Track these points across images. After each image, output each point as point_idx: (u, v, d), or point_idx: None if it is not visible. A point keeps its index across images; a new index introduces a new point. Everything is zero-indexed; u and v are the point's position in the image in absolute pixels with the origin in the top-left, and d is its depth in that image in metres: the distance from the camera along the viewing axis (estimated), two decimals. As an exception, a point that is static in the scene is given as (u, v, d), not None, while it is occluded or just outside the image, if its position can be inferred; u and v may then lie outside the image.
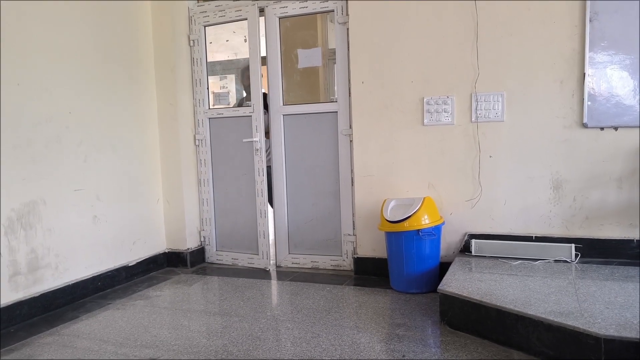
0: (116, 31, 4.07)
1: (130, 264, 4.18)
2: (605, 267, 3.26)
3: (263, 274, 4.28)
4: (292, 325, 3.08)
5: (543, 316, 2.49)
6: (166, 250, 4.58)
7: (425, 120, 3.77)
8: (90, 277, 3.80)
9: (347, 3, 3.94)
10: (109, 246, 3.99)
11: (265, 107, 4.31)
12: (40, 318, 3.36)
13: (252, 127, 4.31)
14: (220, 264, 4.64)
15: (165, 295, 3.77)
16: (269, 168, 4.43)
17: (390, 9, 3.79)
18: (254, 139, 4.28)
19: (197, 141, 4.61)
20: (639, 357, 2.19)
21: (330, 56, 5.66)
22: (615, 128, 3.36)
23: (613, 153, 3.38)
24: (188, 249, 4.53)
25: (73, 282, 3.65)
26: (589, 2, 3.32)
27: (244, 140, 4.37)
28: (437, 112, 3.73)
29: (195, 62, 4.55)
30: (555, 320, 2.43)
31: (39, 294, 3.41)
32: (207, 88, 4.58)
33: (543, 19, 3.44)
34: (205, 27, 4.53)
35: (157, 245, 4.51)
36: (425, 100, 3.75)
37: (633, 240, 3.37)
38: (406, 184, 3.87)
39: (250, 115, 4.33)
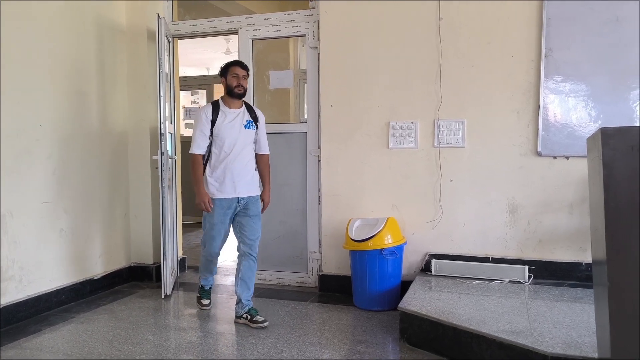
0: (90, 47, 4.11)
1: (95, 278, 4.17)
2: (556, 289, 3.45)
3: (230, 290, 4.33)
4: (257, 341, 3.14)
5: (496, 335, 2.63)
6: (132, 265, 4.58)
7: (390, 144, 3.92)
8: (55, 290, 3.78)
9: (318, 29, 4.09)
10: (74, 259, 3.98)
11: (255, 120, 3.53)
12: (1, 331, 3.33)
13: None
14: (186, 280, 4.67)
15: (130, 309, 3.77)
16: None
17: (360, 37, 3.96)
18: (155, 157, 4.13)
19: (167, 156, 4.65)
20: (583, 374, 2.34)
21: (301, 76, 5.81)
22: (567, 157, 3.58)
23: (565, 181, 3.59)
24: (154, 263, 4.54)
25: (37, 295, 3.63)
26: (544, 39, 3.55)
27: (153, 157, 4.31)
28: (402, 136, 3.89)
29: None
30: (507, 338, 2.58)
31: (2, 306, 3.37)
32: (171, 103, 4.53)
33: (502, 53, 3.65)
34: (174, 38, 4.58)
35: (123, 259, 4.51)
36: (391, 124, 3.91)
37: (582, 263, 3.57)
38: (371, 204, 4.00)
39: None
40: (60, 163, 3.83)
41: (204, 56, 9.99)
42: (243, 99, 3.52)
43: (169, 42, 4.45)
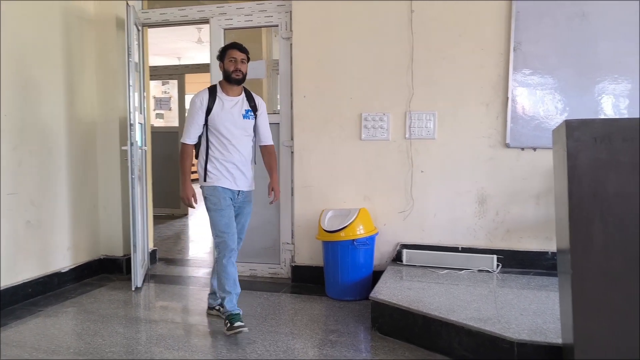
0: (56, 35, 4.01)
1: (63, 270, 4.09)
2: (523, 277, 3.53)
3: (202, 282, 4.31)
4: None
5: (464, 322, 2.69)
6: (101, 257, 4.51)
7: (362, 136, 3.95)
8: (21, 284, 3.69)
9: (291, 19, 4.07)
10: (41, 252, 3.89)
11: (254, 109, 3.26)
12: (-35, 326, 3.25)
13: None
14: (156, 272, 4.62)
15: (99, 302, 3.72)
16: None
17: (332, 28, 3.96)
18: (124, 148, 4.06)
19: (137, 147, 4.58)
20: (548, 359, 2.41)
21: (274, 67, 5.77)
22: (534, 149, 3.66)
23: (532, 172, 3.67)
24: (124, 255, 4.48)
25: (3, 289, 3.54)
26: (513, 33, 3.61)
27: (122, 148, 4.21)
28: (373, 127, 3.92)
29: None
30: (475, 326, 2.64)
31: (-35, 300, 3.30)
32: (140, 93, 4.43)
33: (473, 46, 3.70)
34: (144, 26, 4.51)
35: (92, 251, 4.44)
36: (363, 116, 3.93)
37: (548, 252, 3.66)
38: (343, 195, 4.02)
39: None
40: (27, 154, 3.73)
41: (175, 45, 9.84)
42: (243, 85, 3.23)
43: (138, 30, 4.37)
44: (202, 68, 7.79)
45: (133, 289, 3.98)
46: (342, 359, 2.74)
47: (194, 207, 3.26)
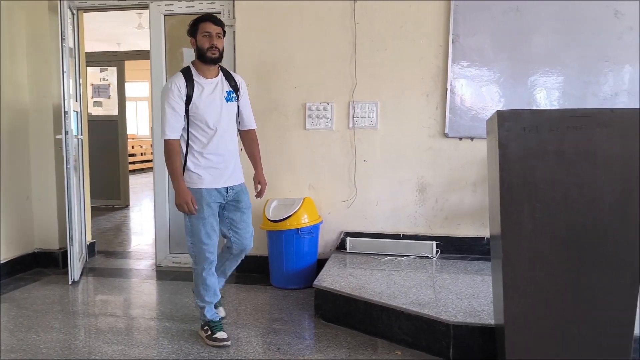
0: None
1: (-6, 265, 3.90)
2: (460, 262, 3.66)
3: (143, 274, 4.22)
4: (171, 324, 3.10)
5: (404, 307, 2.77)
6: (35, 250, 4.32)
7: (307, 125, 3.96)
8: (-54, 280, 3.50)
9: (234, 6, 4.02)
10: (-31, 246, 3.70)
11: (235, 89, 2.92)
12: None
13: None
14: (95, 265, 4.48)
15: (33, 297, 3.57)
16: None
17: (276, 16, 3.93)
18: (59, 136, 3.92)
19: (73, 136, 4.40)
20: (482, 339, 2.53)
21: (217, 55, 5.66)
22: (472, 139, 3.79)
23: (469, 161, 3.80)
24: (60, 248, 4.31)
25: None
26: (452, 25, 3.70)
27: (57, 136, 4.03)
28: (318, 117, 3.93)
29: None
30: (414, 310, 2.73)
31: None
32: (76, 80, 4.24)
33: (414, 37, 3.77)
34: (79, 10, 4.33)
35: (25, 244, 4.24)
36: (307, 105, 3.94)
37: (484, 238, 3.81)
38: (288, 184, 4.03)
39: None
40: (-50, 142, 3.52)
41: (115, 31, 9.48)
42: (219, 64, 2.83)
43: (73, 14, 4.18)
44: (143, 55, 7.55)
45: (70, 282, 3.84)
46: (286, 346, 2.76)
47: (194, 213, 2.73)
